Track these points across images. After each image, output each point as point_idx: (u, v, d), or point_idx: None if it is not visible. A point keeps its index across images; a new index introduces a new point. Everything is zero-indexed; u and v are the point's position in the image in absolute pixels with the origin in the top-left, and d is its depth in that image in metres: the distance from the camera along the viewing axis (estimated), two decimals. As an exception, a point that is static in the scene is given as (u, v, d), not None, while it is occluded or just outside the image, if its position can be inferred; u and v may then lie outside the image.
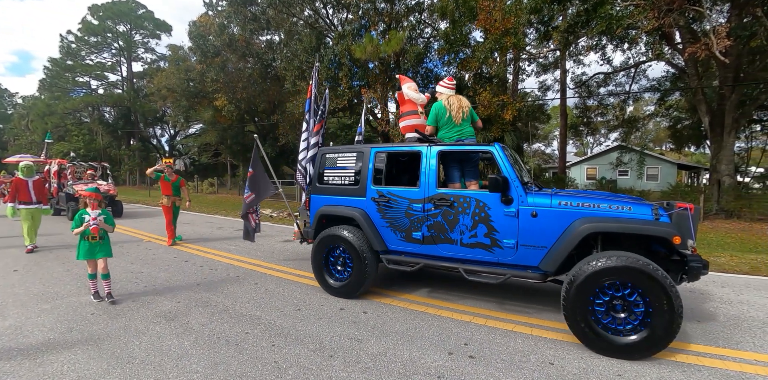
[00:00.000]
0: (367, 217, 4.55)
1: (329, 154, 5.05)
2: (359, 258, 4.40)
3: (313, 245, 4.79)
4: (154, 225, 10.89)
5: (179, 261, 6.48)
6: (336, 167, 4.93)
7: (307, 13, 18.76)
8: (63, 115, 37.82)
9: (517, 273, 3.81)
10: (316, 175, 5.10)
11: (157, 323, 3.81)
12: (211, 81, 19.52)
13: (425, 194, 4.22)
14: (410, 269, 4.30)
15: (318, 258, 4.76)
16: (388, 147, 4.61)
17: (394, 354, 3.23)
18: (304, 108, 5.76)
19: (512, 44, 11.02)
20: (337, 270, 4.72)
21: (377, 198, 4.50)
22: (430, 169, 4.24)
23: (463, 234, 4.03)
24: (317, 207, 5.01)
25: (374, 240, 4.43)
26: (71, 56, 39.97)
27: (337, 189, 4.86)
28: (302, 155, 5.49)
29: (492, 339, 3.55)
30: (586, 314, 3.27)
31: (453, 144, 4.45)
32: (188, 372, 2.89)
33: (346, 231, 4.53)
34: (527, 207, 3.77)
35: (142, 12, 40.91)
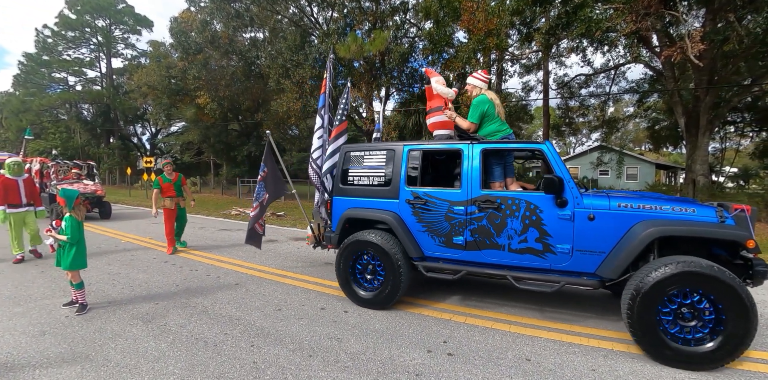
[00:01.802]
0: (401, 221, 4.19)
1: (354, 152, 4.66)
2: (393, 266, 4.07)
3: (339, 252, 4.41)
4: (133, 225, 10.68)
5: (158, 262, 6.37)
6: (362, 166, 4.55)
7: (292, 10, 18.63)
8: (39, 111, 36.64)
9: (571, 280, 3.58)
10: (339, 175, 4.70)
11: (134, 325, 3.76)
12: (193, 78, 19.21)
13: (468, 196, 3.91)
14: (452, 277, 3.97)
15: (344, 267, 4.39)
16: (424, 145, 4.27)
17: (373, 352, 3.25)
18: (318, 103, 5.46)
19: (495, 45, 11.15)
20: (366, 280, 4.36)
21: (412, 200, 4.16)
22: (473, 168, 3.93)
23: (511, 239, 3.75)
24: (341, 210, 4.59)
25: (409, 246, 4.11)
26: (47, 51, 38.67)
27: (365, 190, 4.49)
28: (317, 153, 5.20)
29: (471, 336, 3.61)
30: (654, 324, 3.08)
31: (499, 141, 4.08)
32: (164, 374, 2.86)
33: (377, 237, 4.17)
34: (583, 210, 3.52)
35: (122, 6, 39.82)
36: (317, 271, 5.82)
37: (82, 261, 4.13)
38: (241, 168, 23.35)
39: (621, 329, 3.75)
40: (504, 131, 4.24)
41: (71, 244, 4.02)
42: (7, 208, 6.11)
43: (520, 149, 4.24)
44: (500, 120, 4.28)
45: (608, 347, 3.38)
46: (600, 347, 3.38)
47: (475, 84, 4.44)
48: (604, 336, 3.61)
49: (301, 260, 6.51)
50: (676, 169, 34.30)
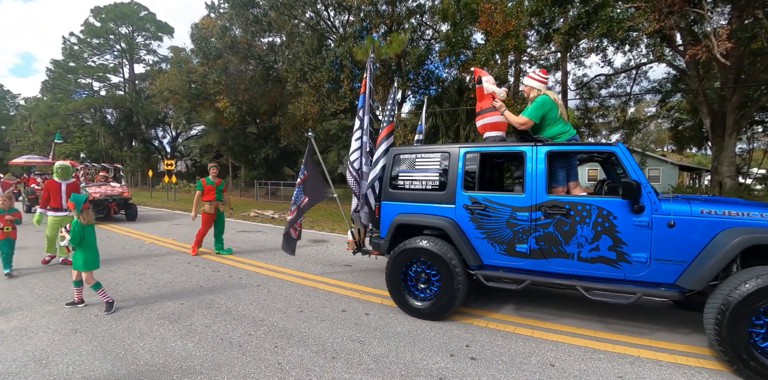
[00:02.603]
0: (458, 227, 4.00)
1: (404, 154, 4.46)
2: (450, 275, 3.86)
3: (390, 260, 4.21)
4: (156, 227, 10.93)
5: (182, 263, 6.51)
6: (414, 170, 4.37)
7: (309, 15, 18.85)
8: (65, 116, 37.90)
9: (648, 292, 3.35)
10: (388, 179, 4.51)
11: (161, 325, 3.84)
12: (213, 83, 19.60)
13: (533, 201, 3.70)
14: (516, 288, 3.76)
15: (396, 275, 4.18)
16: (483, 147, 4.09)
17: (396, 355, 3.25)
18: (357, 104, 5.29)
19: (513, 46, 11.06)
20: (420, 289, 4.15)
21: (470, 205, 3.96)
22: (538, 172, 3.71)
23: (581, 247, 3.53)
24: (391, 216, 4.42)
25: (467, 254, 3.91)
26: (74, 58, 40.08)
27: (416, 195, 4.30)
28: (354, 155, 5.01)
29: (493, 340, 3.57)
30: (745, 340, 2.89)
31: (566, 143, 3.89)
32: (192, 374, 2.92)
33: (433, 244, 3.97)
34: (662, 216, 3.30)
35: (144, 14, 41.01)
36: (337, 273, 5.85)
37: (91, 263, 4.28)
38: (258, 170, 23.68)
39: (647, 335, 3.68)
40: (568, 132, 4.04)
41: (75, 246, 4.21)
42: (48, 211, 6.11)
43: (588, 151, 4.02)
44: (563, 121, 4.06)
45: (635, 353, 3.30)
46: (626, 353, 3.30)
47: (533, 85, 4.19)
48: (629, 342, 3.53)
49: (320, 262, 6.56)
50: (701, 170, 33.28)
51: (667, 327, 3.87)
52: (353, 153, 5.10)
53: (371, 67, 5.32)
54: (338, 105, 16.27)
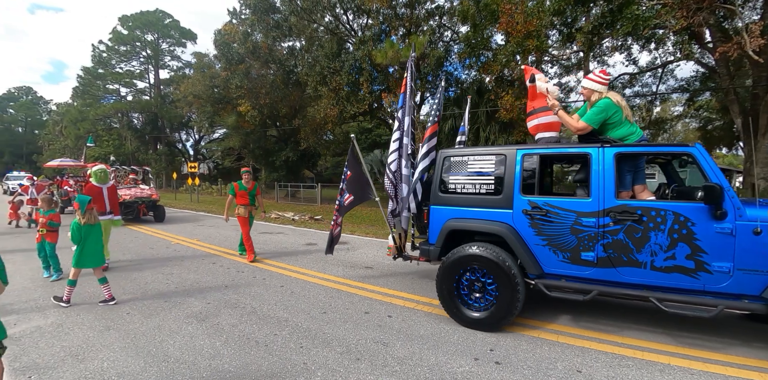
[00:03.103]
0: (516, 234, 3.81)
1: (455, 157, 4.29)
2: (509, 284, 3.66)
3: (442, 267, 4.04)
4: (181, 228, 11.20)
5: (207, 263, 6.66)
6: (466, 173, 4.18)
7: (328, 19, 19.07)
8: (94, 120, 39.36)
9: (730, 304, 3.13)
10: (437, 182, 4.34)
11: (189, 323, 3.95)
12: (235, 87, 20.04)
13: (600, 206, 3.49)
14: (582, 298, 3.54)
15: (449, 284, 3.99)
16: (542, 148, 3.88)
17: (420, 358, 3.25)
18: (397, 103, 5.14)
19: (535, 47, 10.91)
20: (474, 299, 3.95)
21: (530, 210, 3.76)
22: (606, 175, 3.50)
23: (655, 256, 3.31)
24: (441, 221, 4.25)
25: (527, 262, 3.74)
26: (102, 65, 41.65)
27: (469, 199, 4.11)
28: (391, 157, 4.88)
29: (518, 345, 3.53)
30: None
31: (637, 145, 3.66)
32: (221, 372, 2.99)
33: (490, 251, 3.78)
34: (747, 223, 3.06)
35: (169, 21, 42.30)
36: (359, 276, 5.89)
37: (87, 261, 4.50)
38: (278, 172, 24.04)
39: (677, 343, 3.56)
40: (636, 133, 3.80)
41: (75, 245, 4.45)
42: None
43: (660, 153, 3.76)
44: (629, 122, 3.83)
45: (664, 361, 3.20)
46: (655, 361, 3.21)
47: (593, 87, 3.92)
48: (658, 349, 3.43)
49: (342, 264, 6.60)
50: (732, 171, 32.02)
51: (697, 333, 3.75)
52: (390, 154, 4.97)
53: (412, 66, 5.13)
54: (357, 108, 16.38)
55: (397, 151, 4.92)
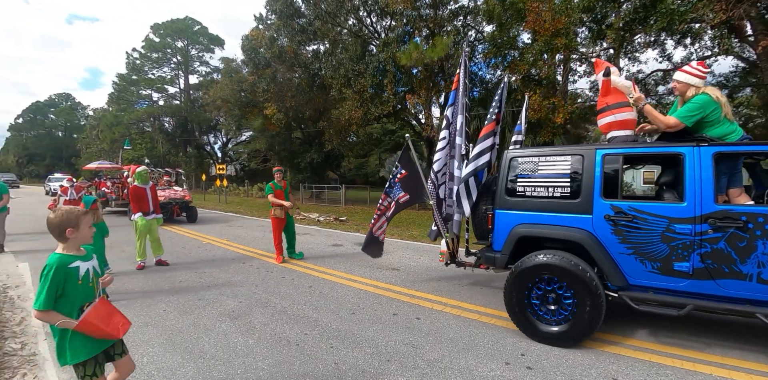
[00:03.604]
0: (597, 241, 3.53)
1: (523, 157, 4.05)
2: (591, 296, 3.37)
3: (512, 277, 3.75)
4: (210, 228, 11.52)
5: (237, 263, 6.83)
6: (536, 174, 3.93)
7: (351, 22, 19.23)
8: (128, 124, 41.09)
9: None
10: (503, 185, 4.11)
11: (223, 321, 4.06)
12: (262, 91, 20.48)
13: (697, 211, 3.19)
14: (677, 313, 3.24)
15: (518, 295, 3.72)
16: (626, 148, 3.59)
17: (450, 361, 3.23)
18: (447, 101, 4.96)
19: (563, 45, 10.66)
20: (548, 311, 3.65)
21: (613, 215, 3.47)
22: (704, 177, 3.21)
23: (762, 268, 3.01)
24: (508, 227, 4.02)
25: (609, 272, 3.46)
26: (136, 71, 43.47)
27: (541, 203, 3.86)
28: (437, 156, 4.72)
29: (549, 350, 3.46)
30: None
31: (739, 143, 3.37)
32: (254, 369, 3.06)
33: (566, 260, 3.50)
34: None
35: (198, 28, 43.70)
36: (385, 277, 5.90)
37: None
38: (303, 174, 24.40)
39: (717, 352, 3.40)
40: (736, 132, 3.50)
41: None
42: (140, 215, 6.34)
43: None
44: (728, 120, 3.52)
45: (706, 371, 3.07)
46: (697, 371, 3.08)
47: (690, 81, 3.57)
48: (700, 359, 3.28)
49: (368, 265, 6.63)
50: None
51: (743, 344, 3.56)
52: (436, 153, 4.78)
53: (466, 62, 4.85)
54: (381, 109, 16.44)
55: (445, 150, 4.69)
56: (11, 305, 4.62)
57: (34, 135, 73.75)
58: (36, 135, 73.70)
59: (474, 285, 5.48)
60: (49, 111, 75.20)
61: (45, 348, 3.48)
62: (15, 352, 3.40)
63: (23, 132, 74.37)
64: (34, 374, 3.04)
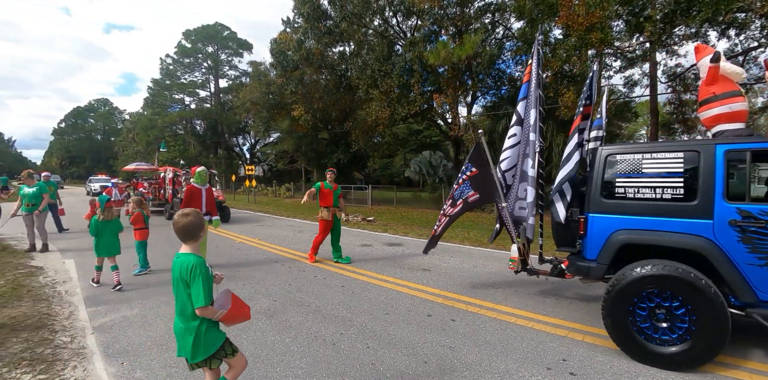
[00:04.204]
0: (719, 250, 3.14)
1: (623, 154, 3.66)
2: (714, 314, 2.96)
3: (614, 289, 3.31)
4: (242, 227, 11.77)
5: (269, 262, 6.94)
6: (640, 174, 3.54)
7: (377, 22, 19.28)
8: (162, 127, 42.71)
9: None
10: (597, 186, 3.73)
11: (259, 319, 4.11)
12: (290, 93, 20.83)
13: None
14: None
15: (623, 310, 3.28)
16: (756, 143, 3.16)
17: (488, 364, 3.15)
18: (518, 94, 4.65)
19: (599, 40, 10.28)
20: (660, 330, 3.19)
21: (740, 221, 3.06)
22: None
23: None
24: (605, 233, 3.63)
25: (736, 286, 3.08)
26: (169, 76, 45.23)
27: (648, 206, 3.46)
28: (505, 155, 4.43)
29: (592, 356, 3.32)
30: None
31: None
32: (293, 368, 3.07)
33: (684, 271, 3.08)
34: None
35: (227, 33, 44.98)
36: (417, 277, 5.85)
37: (102, 251, 5.25)
38: (330, 174, 24.70)
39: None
40: None
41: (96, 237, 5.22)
42: None
43: None
44: None
45: None
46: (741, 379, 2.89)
47: None
48: (760, 370, 3.06)
49: (399, 265, 6.60)
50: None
51: (812, 353, 3.31)
52: (504, 151, 4.49)
53: (539, 52, 4.52)
54: (408, 109, 16.39)
55: (515, 147, 4.39)
56: (60, 299, 4.85)
57: (75, 138, 77.99)
58: (77, 138, 77.91)
59: (508, 287, 5.35)
60: (88, 116, 79.32)
61: (92, 341, 3.62)
62: (65, 345, 3.55)
63: (65, 135, 78.79)
64: (83, 367, 3.16)
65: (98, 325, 3.99)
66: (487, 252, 7.90)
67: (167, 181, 13.44)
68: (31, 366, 3.11)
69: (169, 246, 8.36)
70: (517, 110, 4.56)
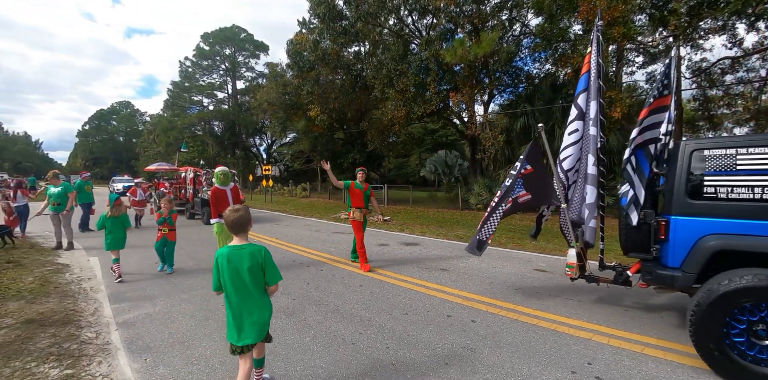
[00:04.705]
0: None
1: (712, 149, 3.32)
2: None
3: (706, 302, 2.96)
4: (259, 227, 11.89)
5: (287, 261, 6.98)
6: (734, 171, 3.20)
7: (392, 21, 19.24)
8: (181, 129, 43.58)
9: None
10: (681, 185, 3.39)
11: (279, 318, 4.12)
12: (306, 93, 20.97)
13: None
14: None
15: (716, 325, 2.93)
16: None
17: (511, 367, 3.08)
18: (576, 87, 4.31)
19: (621, 35, 10.01)
20: (758, 347, 2.84)
21: None
22: None
23: None
24: (693, 237, 3.29)
25: None
26: (188, 79, 46.10)
27: (747, 208, 3.09)
28: (567, 153, 4.09)
29: (619, 360, 3.21)
30: None
31: None
32: (313, 367, 3.06)
33: None
34: None
35: (244, 35, 45.59)
36: (435, 277, 5.79)
37: (112, 245, 5.68)
38: (346, 174, 24.77)
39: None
40: None
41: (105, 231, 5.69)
42: (221, 220, 5.83)
43: None
44: None
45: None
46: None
47: None
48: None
49: (416, 265, 6.54)
50: None
51: None
52: (564, 150, 4.14)
53: (599, 38, 4.15)
54: (424, 108, 16.30)
55: (578, 144, 4.04)
56: (85, 296, 4.97)
57: (99, 140, 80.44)
58: (100, 140, 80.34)
59: (528, 288, 5.24)
60: (111, 118, 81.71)
61: (117, 337, 3.69)
62: (91, 340, 3.63)
63: (89, 137, 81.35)
64: (108, 362, 3.22)
65: (122, 322, 4.07)
66: (505, 252, 7.78)
67: (188, 180, 13.64)
68: (59, 361, 3.18)
69: (189, 245, 8.50)
70: (577, 103, 4.19)
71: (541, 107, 13.86)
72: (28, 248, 8.09)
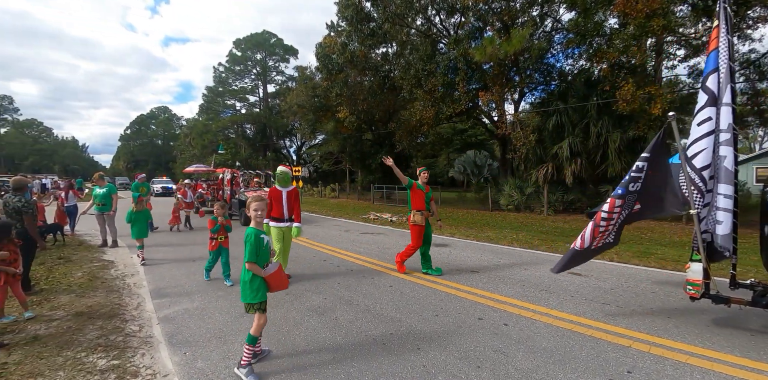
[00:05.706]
0: None
1: None
2: None
3: None
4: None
5: (318, 260, 7.08)
6: None
7: (420, 21, 19.19)
8: (216, 132, 45.17)
9: None
10: None
11: (310, 316, 4.19)
12: (335, 95, 21.25)
13: None
14: None
15: None
16: None
17: (545, 372, 3.00)
18: (704, 68, 3.64)
19: (661, 27, 9.53)
20: None
21: None
22: None
23: None
24: None
25: None
26: (221, 84, 47.75)
27: None
28: (696, 148, 3.47)
29: (661, 369, 3.06)
30: None
31: None
32: (345, 366, 3.09)
33: None
34: None
35: (274, 40, 46.77)
36: (466, 279, 5.72)
37: (138, 234, 6.88)
38: (374, 175, 24.94)
39: None
40: None
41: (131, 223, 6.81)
42: (271, 222, 5.54)
43: None
44: None
45: None
46: None
47: None
48: None
49: (446, 267, 6.46)
50: None
51: None
52: (693, 144, 3.52)
53: (727, 9, 3.48)
54: (453, 108, 16.14)
55: (711, 136, 3.42)
56: (129, 291, 5.23)
57: (139, 143, 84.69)
58: (140, 143, 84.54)
59: (563, 291, 5.08)
60: (150, 122, 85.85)
61: (158, 331, 3.86)
62: (135, 333, 3.81)
63: (130, 141, 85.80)
64: (151, 354, 3.37)
65: (163, 316, 4.25)
66: (537, 254, 7.59)
67: (225, 182, 14.00)
68: (106, 352, 3.36)
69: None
70: (707, 86, 3.51)
71: (575, 104, 13.41)
72: (77, 245, 8.61)
